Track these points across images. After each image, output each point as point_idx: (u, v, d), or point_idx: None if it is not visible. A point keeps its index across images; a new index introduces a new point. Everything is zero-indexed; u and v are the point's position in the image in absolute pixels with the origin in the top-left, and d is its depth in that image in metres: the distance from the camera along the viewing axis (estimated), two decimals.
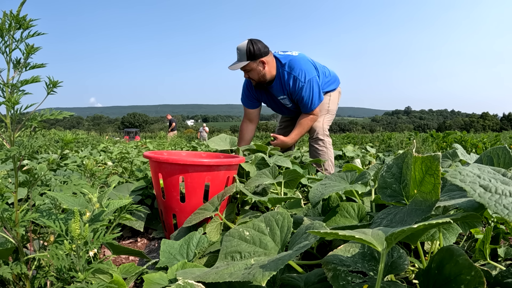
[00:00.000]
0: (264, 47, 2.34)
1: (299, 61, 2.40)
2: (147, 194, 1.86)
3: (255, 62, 2.34)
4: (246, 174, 1.98)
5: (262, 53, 2.32)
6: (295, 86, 2.39)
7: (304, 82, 2.36)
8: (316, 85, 2.41)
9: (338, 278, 0.73)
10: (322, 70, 2.59)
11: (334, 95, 2.73)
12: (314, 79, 2.39)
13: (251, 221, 0.92)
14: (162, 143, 4.40)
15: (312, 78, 2.39)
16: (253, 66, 2.35)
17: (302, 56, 2.46)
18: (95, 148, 4.87)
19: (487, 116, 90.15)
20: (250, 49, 2.29)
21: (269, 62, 2.37)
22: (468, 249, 1.15)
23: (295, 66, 2.39)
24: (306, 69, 2.38)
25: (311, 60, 2.50)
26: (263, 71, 2.38)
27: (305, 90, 2.38)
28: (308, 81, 2.36)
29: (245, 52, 2.31)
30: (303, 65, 2.39)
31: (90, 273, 0.75)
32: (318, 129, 2.57)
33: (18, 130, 0.80)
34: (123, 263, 1.05)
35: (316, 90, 2.41)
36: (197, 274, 0.76)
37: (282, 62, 2.42)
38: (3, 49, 0.75)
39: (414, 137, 7.53)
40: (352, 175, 1.26)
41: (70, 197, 0.99)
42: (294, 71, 2.38)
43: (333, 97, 2.72)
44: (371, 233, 0.60)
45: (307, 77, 2.37)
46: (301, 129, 2.52)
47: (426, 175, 0.72)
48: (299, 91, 2.39)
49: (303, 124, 2.52)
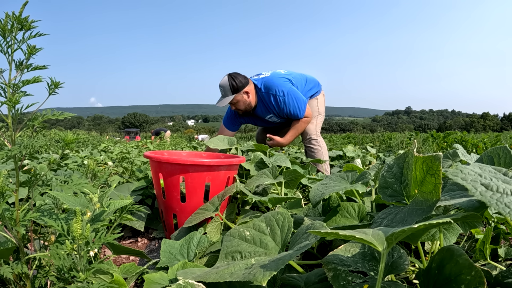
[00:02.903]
0: (243, 78, 2.51)
1: (272, 80, 2.56)
2: (148, 194, 1.86)
3: (239, 94, 2.50)
4: (246, 174, 1.98)
5: (244, 84, 2.49)
6: (278, 103, 2.54)
7: (283, 95, 2.51)
8: (295, 92, 2.54)
9: (338, 278, 0.73)
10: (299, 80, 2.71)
11: (320, 98, 2.88)
12: (291, 89, 2.53)
13: (251, 221, 0.92)
14: (162, 143, 4.40)
15: (290, 88, 2.53)
16: (238, 98, 2.51)
17: (273, 75, 2.61)
18: (95, 148, 4.88)
19: (487, 116, 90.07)
20: (233, 84, 2.46)
21: (251, 90, 2.55)
22: (468, 249, 1.15)
23: (270, 85, 2.54)
24: (280, 84, 2.53)
25: (284, 74, 2.63)
26: (248, 100, 2.54)
27: (288, 102, 2.51)
28: (287, 93, 2.50)
29: (229, 87, 2.47)
30: (276, 81, 2.55)
31: (91, 273, 0.76)
32: (311, 131, 2.70)
33: (19, 130, 0.80)
34: (124, 263, 1.05)
35: (298, 97, 2.53)
36: (198, 274, 0.76)
37: (258, 86, 2.58)
38: (5, 49, 0.75)
39: (415, 137, 7.52)
40: (353, 175, 1.26)
41: (71, 197, 0.99)
42: (271, 90, 2.54)
43: (319, 99, 2.86)
44: (371, 233, 0.60)
45: (285, 90, 2.51)
46: (295, 131, 2.64)
47: (427, 175, 0.72)
48: (283, 105, 2.53)
49: (298, 126, 2.64)
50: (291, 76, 2.65)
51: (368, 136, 12.32)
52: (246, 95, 2.52)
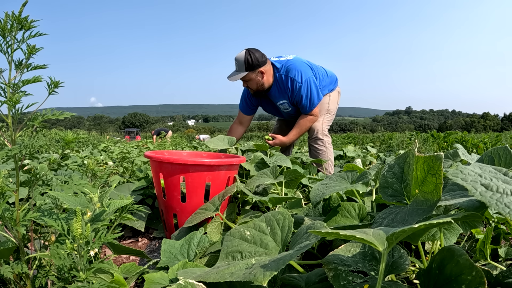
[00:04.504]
0: (261, 56, 2.35)
1: (294, 63, 2.43)
2: (148, 194, 1.86)
3: (253, 72, 2.35)
4: (247, 174, 1.98)
5: (260, 63, 2.34)
6: (293, 87, 2.42)
7: (301, 82, 2.39)
8: (314, 84, 2.43)
9: (339, 278, 0.73)
10: (319, 71, 2.62)
11: (334, 95, 2.75)
12: (311, 79, 2.42)
13: (252, 221, 0.92)
14: (163, 143, 4.40)
15: (309, 78, 2.41)
16: (251, 77, 2.36)
17: (297, 59, 2.49)
18: (96, 148, 4.88)
19: (488, 116, 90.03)
20: (248, 59, 2.30)
21: (267, 71, 2.40)
22: (469, 249, 1.15)
23: (291, 68, 2.41)
24: (302, 70, 2.41)
25: (306, 61, 2.52)
26: (261, 80, 2.40)
27: (303, 89, 2.40)
28: (305, 81, 2.39)
29: (243, 63, 2.31)
30: (299, 66, 2.42)
31: (91, 273, 0.76)
32: (317, 129, 2.59)
33: (19, 130, 0.80)
34: (124, 263, 1.05)
35: (314, 89, 2.43)
36: (198, 274, 0.76)
37: (277, 67, 2.45)
38: (5, 49, 0.75)
39: (416, 137, 7.52)
40: (353, 175, 1.26)
41: (71, 197, 0.99)
42: (290, 73, 2.40)
43: (332, 97, 2.73)
44: (372, 233, 0.60)
45: (304, 77, 2.39)
46: (299, 129, 2.55)
47: (428, 175, 0.72)
48: (297, 91, 2.41)
49: (302, 125, 2.54)
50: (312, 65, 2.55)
51: (368, 136, 12.32)
52: (260, 75, 2.38)
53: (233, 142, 2.32)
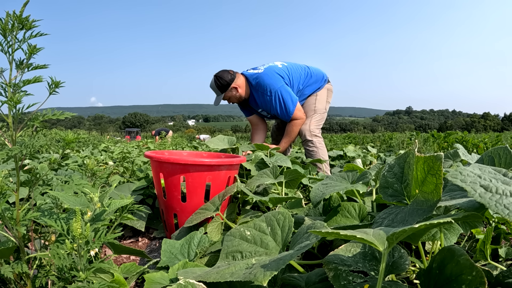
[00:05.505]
0: (228, 74, 2.60)
1: (263, 77, 2.59)
2: (148, 193, 1.86)
3: (228, 91, 2.63)
4: (247, 174, 1.98)
5: (229, 81, 2.59)
6: (265, 100, 2.61)
7: (270, 95, 2.56)
8: (285, 92, 2.55)
9: (339, 277, 0.73)
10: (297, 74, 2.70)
11: (321, 93, 2.78)
12: (280, 89, 2.55)
13: (252, 221, 0.92)
14: (163, 143, 4.40)
15: (278, 89, 2.55)
16: (228, 95, 2.66)
17: (266, 71, 2.63)
18: (96, 147, 4.88)
19: (488, 116, 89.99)
20: (218, 83, 2.60)
21: (239, 84, 2.63)
22: (469, 249, 1.15)
23: (260, 83, 2.60)
24: (270, 83, 2.56)
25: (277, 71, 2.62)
26: (238, 94, 2.66)
27: (274, 102, 2.56)
28: (274, 92, 2.54)
29: (216, 87, 2.63)
30: (267, 80, 2.57)
31: (91, 273, 0.76)
32: (305, 131, 2.67)
33: (20, 130, 0.80)
34: (124, 263, 1.05)
35: (286, 97, 2.55)
36: (198, 274, 0.76)
37: (252, 83, 2.66)
38: (6, 49, 0.75)
39: (416, 137, 7.52)
40: (353, 175, 1.26)
41: (72, 197, 0.99)
42: (260, 87, 2.60)
43: (319, 96, 2.77)
44: (372, 233, 0.60)
45: (273, 90, 2.54)
46: (288, 137, 2.68)
47: (428, 175, 0.72)
48: (269, 104, 2.60)
49: (290, 131, 2.67)
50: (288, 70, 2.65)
51: (368, 136, 12.32)
52: (235, 91, 2.63)
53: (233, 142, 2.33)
